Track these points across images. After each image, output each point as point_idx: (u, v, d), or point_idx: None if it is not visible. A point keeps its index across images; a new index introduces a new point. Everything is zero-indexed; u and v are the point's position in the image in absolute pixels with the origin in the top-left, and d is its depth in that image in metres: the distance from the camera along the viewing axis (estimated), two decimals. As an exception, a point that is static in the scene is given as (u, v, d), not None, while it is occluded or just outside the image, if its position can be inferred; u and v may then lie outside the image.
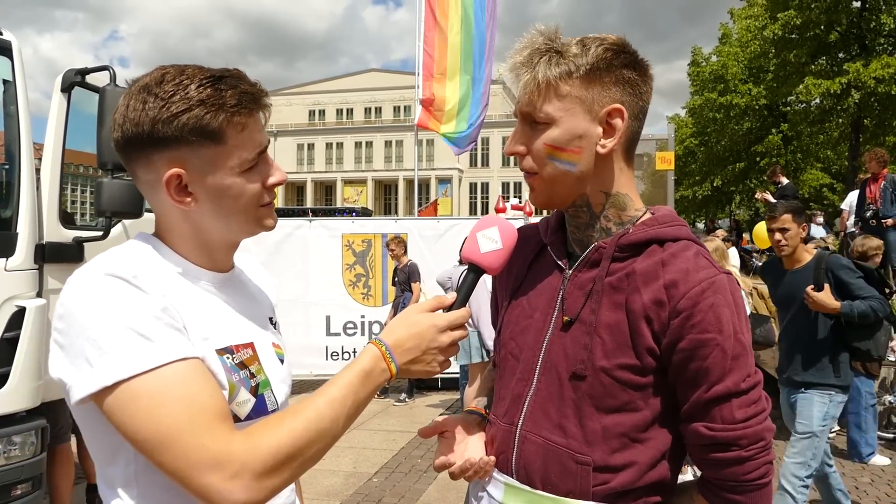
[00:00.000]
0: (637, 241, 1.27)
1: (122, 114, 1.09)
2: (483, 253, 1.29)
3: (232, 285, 1.25)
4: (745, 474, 1.18)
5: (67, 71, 3.75)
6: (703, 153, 30.44)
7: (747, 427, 1.17)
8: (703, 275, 1.19)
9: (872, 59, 18.68)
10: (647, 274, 1.23)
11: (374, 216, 31.64)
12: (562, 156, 1.26)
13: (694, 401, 1.20)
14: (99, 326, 0.98)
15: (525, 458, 1.30)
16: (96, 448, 1.10)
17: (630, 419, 1.23)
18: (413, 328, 1.17)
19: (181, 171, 1.09)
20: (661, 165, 11.10)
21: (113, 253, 1.10)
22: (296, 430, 1.02)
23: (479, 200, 65.67)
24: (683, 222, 1.32)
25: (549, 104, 1.24)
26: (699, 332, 1.17)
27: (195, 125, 1.06)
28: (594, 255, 1.30)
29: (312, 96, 73.04)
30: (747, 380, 1.18)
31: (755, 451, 1.18)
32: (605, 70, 1.24)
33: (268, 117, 1.18)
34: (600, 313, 1.24)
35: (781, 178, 11.29)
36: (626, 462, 1.23)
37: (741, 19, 25.28)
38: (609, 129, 1.25)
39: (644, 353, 1.20)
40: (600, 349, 1.23)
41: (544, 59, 1.24)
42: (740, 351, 1.18)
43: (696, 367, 1.18)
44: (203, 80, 1.08)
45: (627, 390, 1.22)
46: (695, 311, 1.17)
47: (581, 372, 1.24)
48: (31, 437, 3.41)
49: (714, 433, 1.18)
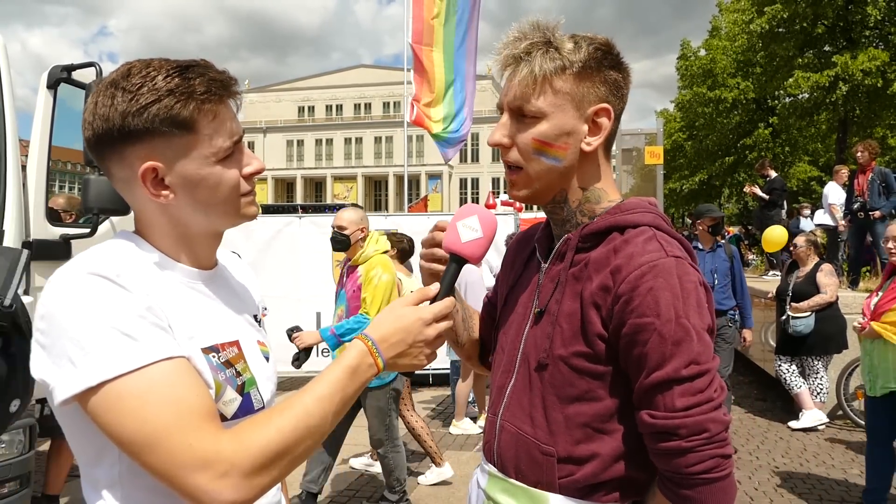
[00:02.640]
0: (597, 229, 1.28)
1: (92, 111, 1.08)
2: (464, 242, 1.30)
3: (216, 283, 1.24)
4: (687, 467, 1.14)
5: (53, 67, 3.72)
6: (692, 147, 30.56)
7: (687, 416, 1.13)
8: (646, 258, 1.18)
9: (859, 52, 18.77)
10: (599, 261, 1.24)
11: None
12: (549, 151, 1.27)
13: (638, 387, 1.18)
14: (82, 326, 0.97)
15: (501, 448, 1.34)
16: (80, 449, 1.09)
17: (591, 409, 1.23)
18: (399, 322, 1.17)
19: (156, 163, 1.08)
20: (650, 160, 11.11)
21: (95, 251, 1.09)
22: (284, 427, 1.01)
23: (469, 196, 65.58)
24: (650, 209, 1.32)
25: (542, 98, 1.25)
26: (637, 316, 1.16)
27: (166, 115, 1.05)
28: (563, 247, 1.32)
29: (302, 92, 72.70)
30: (691, 367, 1.14)
31: (697, 442, 1.13)
32: (595, 69, 1.26)
33: (239, 105, 1.17)
34: (563, 303, 1.26)
35: (770, 171, 11.34)
36: (589, 454, 1.23)
37: (729, 13, 25.37)
38: (595, 127, 1.27)
39: (595, 340, 1.21)
40: (559, 338, 1.25)
41: (541, 52, 1.25)
42: (682, 336, 1.14)
43: (638, 353, 1.17)
44: (170, 71, 1.07)
45: (585, 378, 1.22)
46: (633, 295, 1.16)
47: (544, 360, 1.26)
48: (20, 436, 3.39)
49: (655, 420, 1.16)
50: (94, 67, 3.78)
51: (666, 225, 1.30)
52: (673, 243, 1.24)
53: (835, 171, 10.79)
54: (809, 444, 6.30)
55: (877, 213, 8.60)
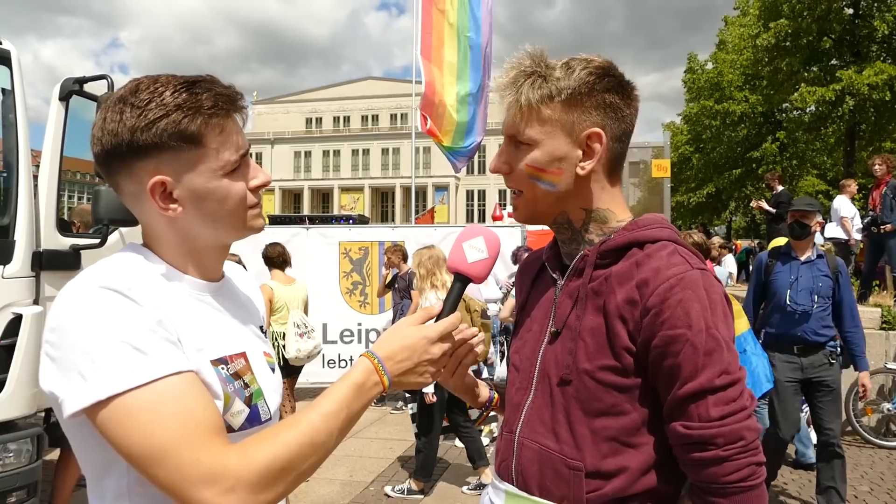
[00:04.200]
0: (617, 245, 1.29)
1: (100, 127, 1.09)
2: (470, 263, 1.33)
3: (223, 294, 1.25)
4: (724, 475, 1.15)
5: (66, 80, 3.76)
6: (699, 160, 30.51)
7: (723, 425, 1.15)
8: (673, 271, 1.20)
9: (866, 66, 18.74)
10: (622, 275, 1.25)
11: (371, 224, 31.62)
12: (543, 176, 1.30)
13: (671, 399, 1.19)
14: (93, 339, 0.98)
15: (522, 465, 1.32)
16: (87, 461, 1.09)
17: (618, 422, 1.23)
18: (404, 340, 1.18)
19: (165, 177, 1.09)
20: (658, 173, 11.15)
21: (105, 264, 1.10)
22: (290, 443, 1.02)
23: (475, 208, 65.67)
24: (666, 224, 1.33)
25: (531, 127, 1.28)
26: (669, 328, 1.17)
27: (174, 130, 1.07)
28: (580, 263, 1.33)
29: (309, 104, 73.08)
30: (723, 376, 1.16)
31: (734, 450, 1.15)
32: (586, 94, 1.26)
33: (245, 119, 1.18)
34: (584, 319, 1.27)
35: (776, 185, 11.31)
36: (617, 467, 1.23)
37: (735, 27, 25.38)
38: (588, 151, 1.28)
39: (622, 353, 1.21)
40: (583, 352, 1.25)
41: (528, 81, 1.27)
42: (714, 346, 1.16)
43: (670, 365, 1.18)
44: (177, 86, 1.09)
45: (611, 392, 1.23)
46: (664, 308, 1.17)
47: (567, 376, 1.26)
48: (27, 445, 3.41)
49: (690, 431, 1.17)
50: (105, 80, 3.81)
51: (682, 241, 1.31)
52: (693, 257, 1.26)
53: (843, 185, 10.76)
54: (817, 459, 6.25)
55: (888, 226, 8.58)
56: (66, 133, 3.74)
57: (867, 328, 7.19)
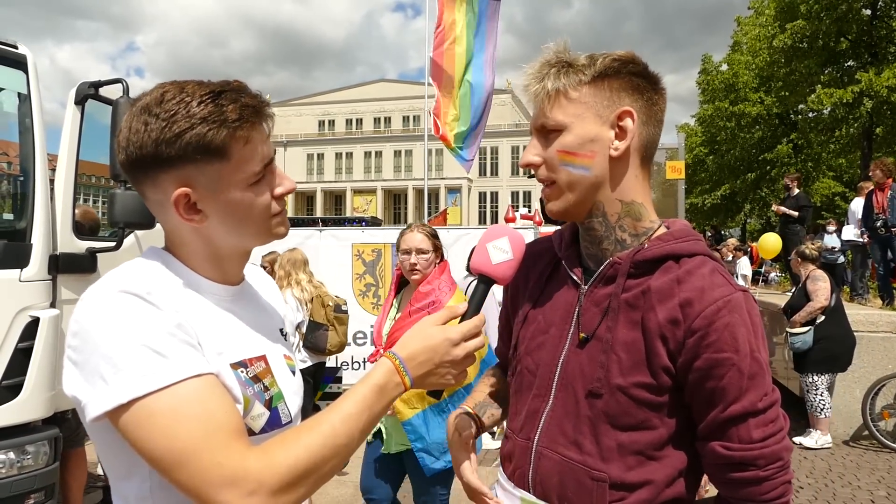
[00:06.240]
0: (653, 257, 1.26)
1: (126, 136, 1.09)
2: (495, 264, 1.30)
3: (243, 298, 1.25)
4: (762, 494, 1.17)
5: (81, 84, 3.79)
6: (713, 162, 30.35)
7: (765, 447, 1.16)
8: (718, 293, 1.19)
9: (884, 68, 18.56)
10: (662, 292, 1.22)
11: (384, 226, 31.67)
12: (575, 160, 1.26)
13: (710, 420, 1.19)
14: (114, 343, 0.98)
15: (542, 474, 1.30)
16: (111, 464, 1.10)
17: (646, 437, 1.22)
18: (427, 341, 1.17)
19: (189, 190, 1.08)
20: (672, 175, 11.09)
21: (125, 269, 1.10)
22: (311, 446, 1.02)
23: (488, 210, 65.59)
24: (699, 237, 1.31)
25: (560, 111, 1.26)
26: (715, 351, 1.16)
27: (199, 143, 1.05)
28: (609, 270, 1.29)
29: (322, 106, 73.35)
30: (764, 399, 1.17)
31: (773, 470, 1.17)
32: (612, 76, 1.26)
33: (271, 128, 1.17)
34: (616, 331, 1.24)
35: (793, 187, 11.22)
36: (642, 480, 1.22)
37: (750, 28, 25.21)
38: (621, 131, 1.26)
39: (660, 372, 1.20)
40: (616, 367, 1.23)
41: (553, 70, 1.26)
42: (757, 370, 1.17)
43: (713, 387, 1.17)
44: (203, 97, 1.07)
45: (644, 409, 1.22)
46: (710, 331, 1.16)
47: (597, 390, 1.24)
48: (45, 447, 3.43)
49: (731, 452, 1.17)
50: (120, 84, 3.84)
51: (716, 256, 1.30)
52: (731, 276, 1.26)
53: (860, 188, 10.69)
54: (835, 464, 6.19)
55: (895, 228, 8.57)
56: (81, 137, 3.77)
57: (884, 332, 7.13)
